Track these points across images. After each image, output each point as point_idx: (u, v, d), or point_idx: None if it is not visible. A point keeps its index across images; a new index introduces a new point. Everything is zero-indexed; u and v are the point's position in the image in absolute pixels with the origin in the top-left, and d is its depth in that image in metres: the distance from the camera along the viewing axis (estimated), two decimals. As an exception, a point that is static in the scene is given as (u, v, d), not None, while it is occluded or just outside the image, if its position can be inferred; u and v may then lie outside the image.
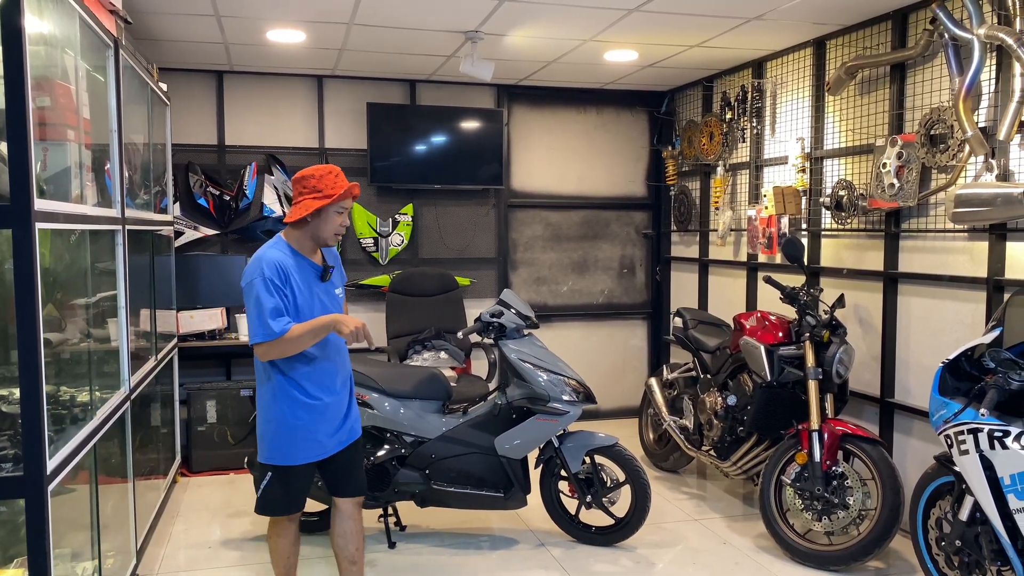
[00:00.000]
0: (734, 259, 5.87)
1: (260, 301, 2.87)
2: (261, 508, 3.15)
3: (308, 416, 3.02)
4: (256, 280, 2.89)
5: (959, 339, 3.94)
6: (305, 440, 3.03)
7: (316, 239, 3.07)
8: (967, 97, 3.73)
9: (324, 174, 3.02)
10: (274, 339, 2.86)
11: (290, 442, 3.02)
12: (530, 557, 4.11)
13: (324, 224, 3.04)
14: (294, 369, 3.00)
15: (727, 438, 4.63)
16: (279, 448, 3.03)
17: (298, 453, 3.04)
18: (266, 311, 2.86)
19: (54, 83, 2.72)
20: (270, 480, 3.07)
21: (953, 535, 3.31)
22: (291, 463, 3.04)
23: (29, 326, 2.27)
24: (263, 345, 2.89)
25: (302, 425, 3.02)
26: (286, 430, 3.01)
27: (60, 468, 2.47)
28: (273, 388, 3.01)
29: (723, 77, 5.97)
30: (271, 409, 3.03)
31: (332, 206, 3.01)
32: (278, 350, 2.91)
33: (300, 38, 4.99)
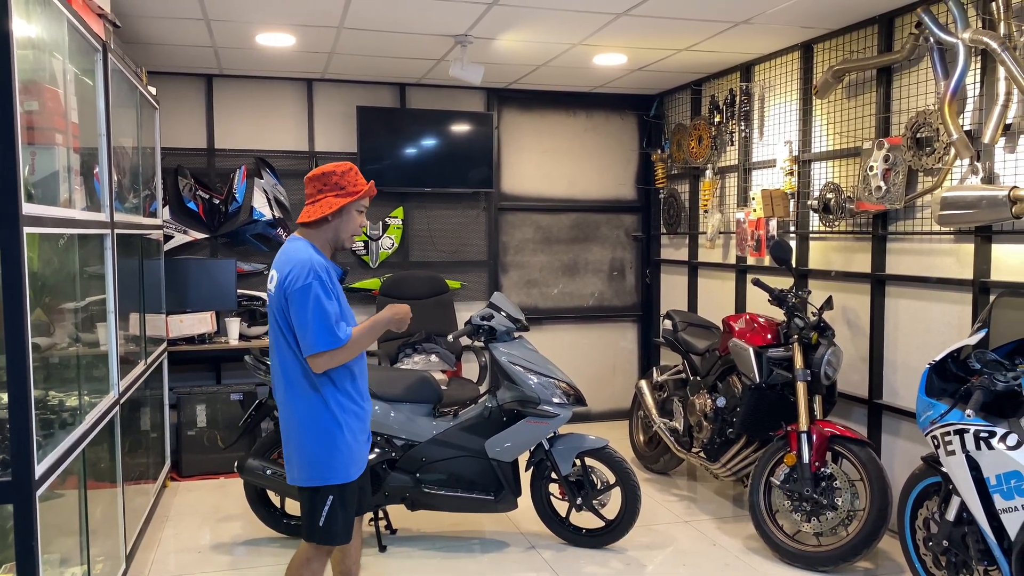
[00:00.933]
0: (723, 262, 5.90)
1: (323, 306, 2.69)
2: (327, 538, 2.84)
3: (358, 425, 2.86)
4: (314, 283, 2.70)
5: (946, 340, 3.98)
6: (359, 452, 2.87)
7: (335, 240, 2.92)
8: (952, 100, 3.76)
9: (345, 171, 2.88)
10: (340, 346, 2.71)
11: (347, 456, 2.81)
12: (521, 560, 4.11)
13: (346, 224, 2.90)
14: (343, 377, 2.82)
15: (717, 440, 4.65)
16: (338, 465, 2.80)
17: (355, 467, 2.86)
18: (330, 317, 2.69)
19: (42, 87, 2.72)
20: (332, 505, 2.80)
21: (940, 535, 3.34)
22: (351, 479, 2.84)
23: (17, 330, 2.27)
24: (325, 354, 2.70)
25: (354, 436, 2.84)
26: (343, 444, 2.80)
27: (49, 473, 2.46)
28: (323, 399, 2.78)
29: (711, 81, 6.00)
30: (321, 423, 2.78)
31: (354, 204, 2.88)
32: (341, 357, 2.74)
33: (289, 42, 4.99)
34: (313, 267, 2.73)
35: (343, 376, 2.82)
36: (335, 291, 2.79)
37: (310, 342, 2.70)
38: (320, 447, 2.78)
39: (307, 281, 2.70)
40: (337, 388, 2.81)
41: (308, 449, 2.79)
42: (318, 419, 2.78)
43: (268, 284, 2.91)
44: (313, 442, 2.79)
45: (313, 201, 2.88)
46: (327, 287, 2.73)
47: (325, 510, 2.80)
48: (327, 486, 2.80)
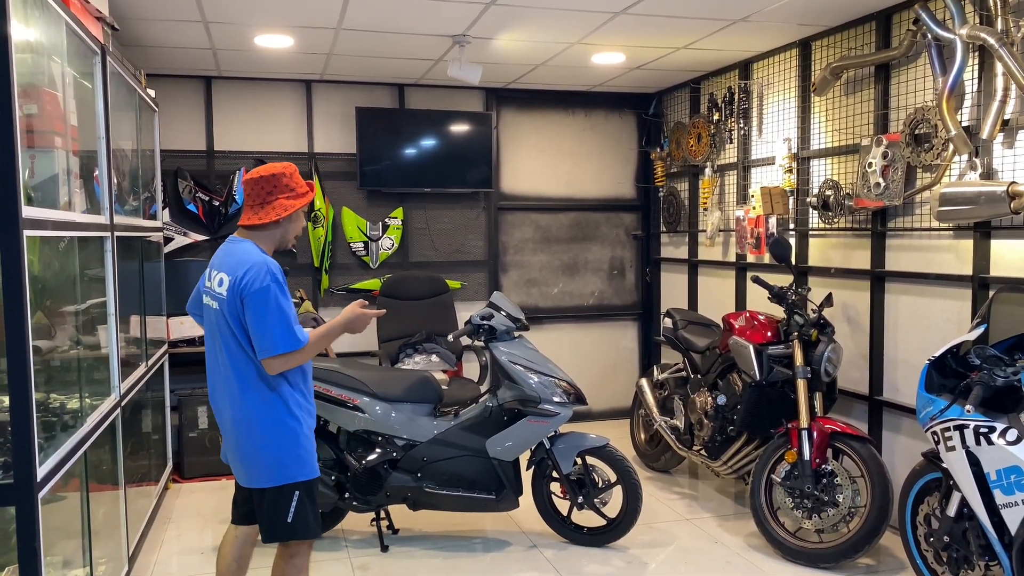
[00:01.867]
0: (723, 259, 5.90)
1: (283, 308, 2.69)
2: (303, 532, 2.85)
3: (311, 423, 2.90)
4: (272, 285, 2.69)
5: (945, 336, 3.98)
6: (313, 448, 2.89)
7: (281, 242, 2.91)
8: (950, 97, 3.77)
9: (292, 172, 2.86)
10: (297, 349, 2.71)
11: (308, 452, 2.85)
12: (523, 559, 4.12)
13: (295, 225, 2.92)
14: (297, 377, 2.85)
15: (717, 438, 4.65)
16: (303, 461, 2.82)
17: (315, 459, 2.90)
18: (290, 319, 2.70)
19: (41, 90, 2.72)
20: (299, 500, 2.82)
21: (941, 531, 3.34)
22: (315, 475, 2.88)
23: (18, 333, 2.27)
24: (283, 356, 2.70)
25: (310, 430, 2.88)
26: (304, 440, 2.83)
27: (51, 475, 2.47)
28: (283, 400, 2.79)
29: (710, 79, 6.00)
30: (283, 422, 2.79)
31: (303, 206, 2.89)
32: (298, 359, 2.74)
33: (288, 43, 4.99)
34: (270, 269, 2.72)
35: (297, 376, 2.84)
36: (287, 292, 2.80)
37: (268, 344, 2.68)
38: (284, 446, 2.78)
39: (265, 283, 2.68)
40: (293, 388, 2.82)
41: (272, 449, 2.78)
42: (280, 419, 2.78)
43: (212, 286, 2.83)
44: (277, 442, 2.78)
45: (262, 204, 2.81)
46: (284, 289, 2.73)
47: (293, 506, 2.81)
48: (292, 483, 2.80)
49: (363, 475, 4.11)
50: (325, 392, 4.10)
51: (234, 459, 2.91)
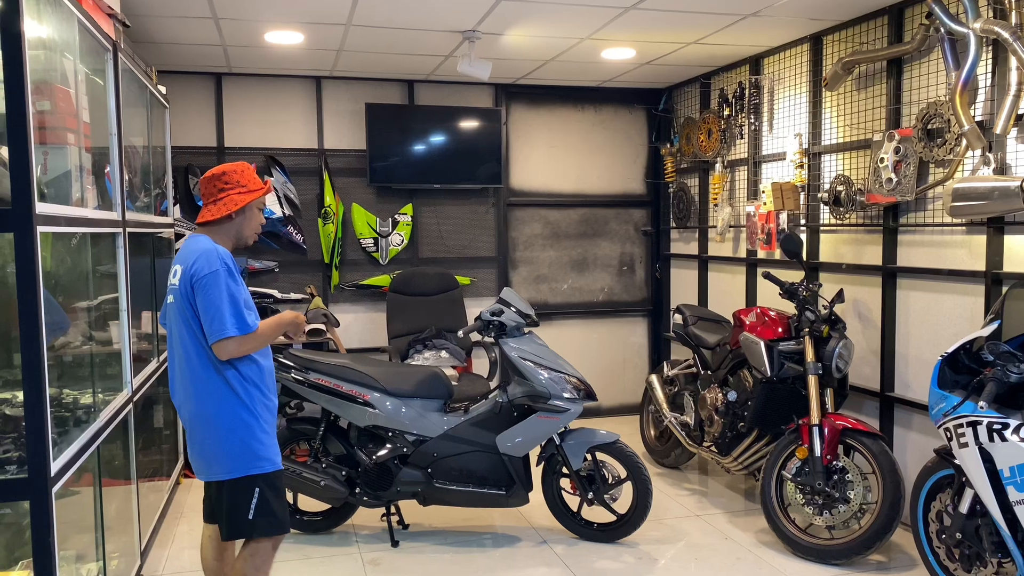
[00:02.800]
0: (733, 255, 5.88)
1: (232, 292, 2.70)
2: (266, 529, 2.81)
3: (270, 419, 2.86)
4: (221, 270, 2.70)
5: (958, 333, 3.96)
6: (274, 444, 2.86)
7: (238, 238, 2.93)
8: (963, 91, 3.74)
9: (243, 169, 2.92)
10: (249, 333, 2.71)
11: (269, 444, 2.82)
12: (533, 554, 4.12)
13: (249, 221, 2.93)
14: (251, 370, 2.81)
15: (728, 434, 4.64)
16: (261, 454, 2.79)
17: (277, 455, 2.85)
18: (240, 303, 2.71)
19: (54, 87, 2.73)
20: (261, 494, 2.78)
21: (954, 528, 3.33)
22: (276, 467, 2.83)
23: (31, 329, 2.29)
24: (233, 340, 2.68)
25: (269, 428, 2.84)
26: (261, 433, 2.80)
27: (64, 470, 2.49)
28: (238, 391, 2.77)
29: (721, 74, 5.98)
30: (237, 414, 2.76)
31: (256, 201, 2.92)
32: (249, 346, 2.74)
33: (298, 39, 5.00)
34: (219, 255, 2.75)
35: (251, 369, 2.80)
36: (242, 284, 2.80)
37: (218, 327, 2.67)
38: (240, 438, 2.76)
39: (214, 268, 2.70)
40: (247, 381, 2.79)
41: (227, 442, 2.75)
42: (234, 412, 2.76)
43: (170, 279, 2.86)
44: (231, 434, 2.75)
45: (214, 200, 2.87)
46: (235, 276, 2.74)
47: (254, 501, 2.76)
48: (251, 476, 2.77)
49: (373, 470, 4.12)
50: (335, 387, 4.11)
51: (193, 454, 2.88)
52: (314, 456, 4.24)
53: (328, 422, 4.26)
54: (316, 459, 4.23)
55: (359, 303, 6.28)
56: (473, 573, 3.91)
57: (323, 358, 4.25)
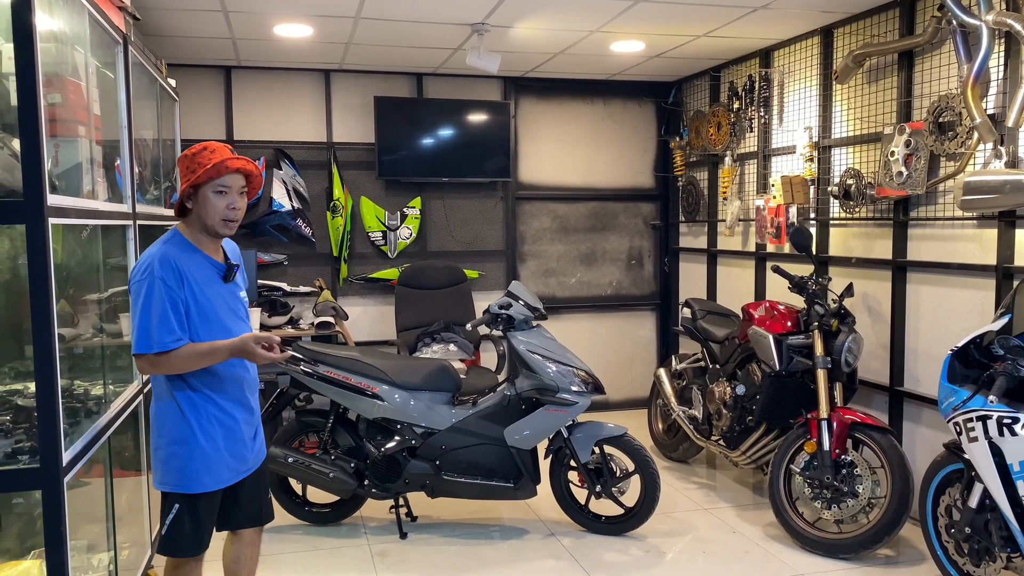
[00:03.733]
0: (742, 249, 5.87)
1: (148, 307, 2.48)
2: (167, 548, 2.67)
3: (222, 434, 2.64)
4: (147, 280, 2.49)
5: (968, 327, 3.94)
6: (218, 463, 2.64)
7: (206, 229, 2.63)
8: (976, 84, 3.71)
9: (198, 151, 2.60)
10: (159, 353, 2.48)
11: (202, 465, 2.60)
12: (540, 547, 4.13)
13: (204, 208, 2.59)
14: (202, 379, 2.61)
15: (736, 428, 4.64)
16: (190, 474, 2.60)
17: (211, 478, 2.63)
18: (153, 320, 2.47)
19: (65, 80, 2.75)
20: (177, 513, 2.62)
21: (963, 522, 3.32)
22: (203, 490, 2.63)
23: (43, 320, 2.30)
24: (145, 358, 2.50)
25: (215, 446, 2.62)
26: (198, 451, 2.60)
27: (75, 460, 2.50)
28: (179, 401, 2.60)
29: (730, 67, 5.95)
30: (178, 426, 2.60)
31: (206, 186, 2.57)
32: (163, 367, 2.53)
33: (307, 32, 5.00)
34: (153, 262, 2.51)
35: (201, 379, 2.61)
36: (184, 289, 2.55)
37: (134, 341, 2.51)
38: (171, 451, 2.61)
39: (141, 276, 2.51)
40: (194, 391, 2.61)
41: (162, 451, 2.63)
42: (175, 422, 2.61)
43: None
44: (168, 444, 2.61)
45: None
46: (161, 285, 2.49)
47: (170, 518, 2.63)
48: (175, 493, 2.63)
49: (382, 462, 4.14)
50: (344, 380, 4.13)
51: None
52: (323, 448, 4.25)
53: (337, 414, 4.28)
54: (325, 451, 4.24)
55: (368, 296, 6.29)
56: (481, 565, 3.92)
57: (332, 351, 4.26)
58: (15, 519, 2.68)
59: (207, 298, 2.61)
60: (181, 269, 2.55)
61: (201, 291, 2.60)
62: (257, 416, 2.85)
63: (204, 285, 2.61)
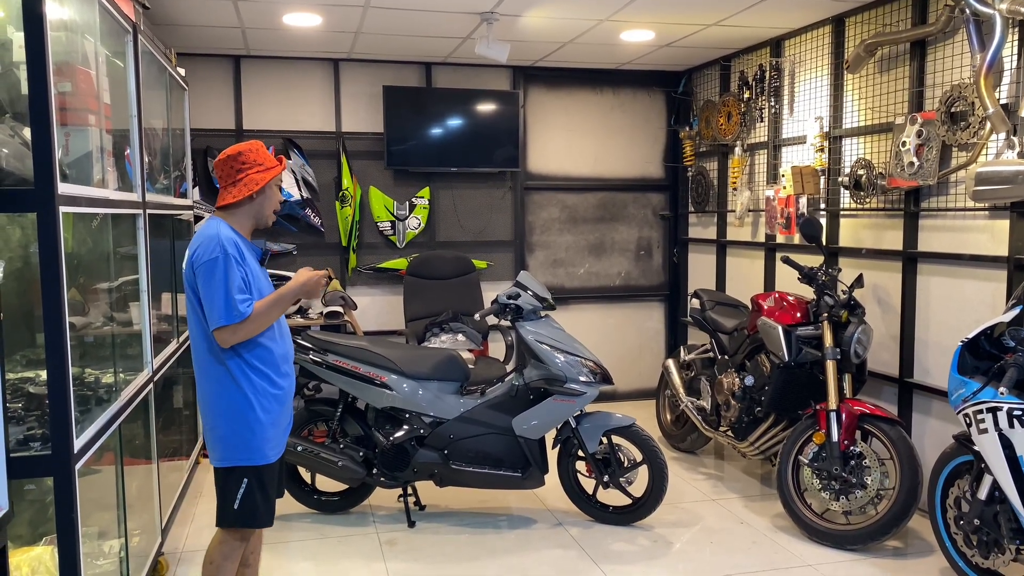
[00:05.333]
0: (752, 240, 5.85)
1: (228, 280, 2.65)
2: (244, 520, 2.80)
3: (277, 406, 2.81)
4: (220, 257, 2.66)
5: (979, 318, 3.92)
6: (276, 434, 2.82)
7: (259, 217, 2.88)
8: (988, 73, 3.68)
9: (258, 148, 2.85)
10: (242, 320, 2.65)
11: (263, 437, 2.76)
12: (548, 536, 4.14)
13: (269, 200, 2.88)
14: (256, 355, 2.76)
15: (744, 418, 4.63)
16: (254, 447, 2.76)
17: (273, 449, 2.81)
18: (233, 290, 2.65)
19: (75, 68, 2.75)
20: (248, 486, 2.76)
21: (972, 514, 3.31)
22: (268, 461, 2.80)
23: (54, 307, 2.31)
24: (229, 328, 2.66)
25: (270, 417, 2.78)
26: (259, 425, 2.75)
27: (87, 447, 2.52)
28: (236, 378, 2.74)
29: (741, 56, 5.92)
30: (232, 402, 2.74)
31: (274, 180, 2.86)
32: (246, 330, 2.69)
33: (316, 21, 5.00)
34: (221, 241, 2.69)
35: (257, 355, 2.75)
36: (246, 267, 2.74)
37: (214, 316, 2.66)
38: (232, 426, 2.74)
39: (214, 255, 2.67)
40: (249, 366, 2.74)
41: (221, 429, 2.75)
42: (229, 397, 2.73)
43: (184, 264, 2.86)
44: (225, 422, 2.74)
45: (233, 182, 2.81)
46: (233, 261, 2.68)
47: (240, 492, 2.75)
48: (242, 467, 2.75)
49: (391, 451, 4.15)
50: (353, 369, 4.14)
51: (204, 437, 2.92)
52: (332, 437, 4.27)
53: (346, 403, 4.29)
54: (334, 440, 4.26)
55: (376, 286, 6.30)
56: (489, 554, 3.94)
57: (341, 340, 4.28)
58: (27, 506, 2.70)
59: (256, 278, 2.81)
60: (240, 248, 2.77)
61: (252, 271, 2.80)
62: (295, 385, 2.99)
63: (255, 266, 2.84)
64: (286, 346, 2.91)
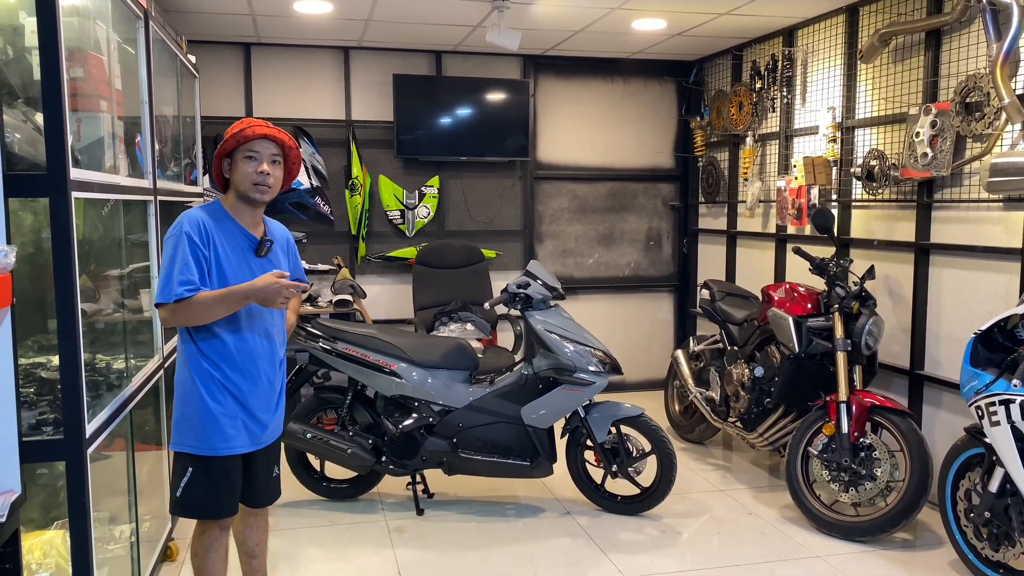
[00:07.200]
0: (763, 231, 5.82)
1: (172, 260, 2.56)
2: (180, 509, 2.71)
3: (229, 399, 2.67)
4: (172, 237, 2.59)
5: (992, 310, 3.89)
6: (231, 427, 2.67)
7: (242, 197, 2.69)
8: (1004, 63, 3.64)
9: (236, 124, 2.70)
10: (176, 301, 2.53)
11: (212, 427, 2.64)
12: (556, 525, 4.15)
13: (237, 175, 2.66)
14: (210, 345, 2.65)
15: (754, 409, 4.62)
16: (200, 435, 2.65)
17: (222, 442, 2.66)
18: (175, 271, 2.54)
19: (87, 54, 2.75)
20: (191, 475, 2.66)
21: (982, 507, 3.30)
22: (214, 453, 2.66)
23: (66, 291, 2.32)
24: (165, 307, 2.56)
25: (226, 411, 2.66)
26: (206, 413, 2.64)
27: (98, 432, 2.53)
28: (191, 363, 2.66)
29: (753, 46, 5.88)
30: (190, 388, 2.66)
31: (236, 152, 2.66)
32: (182, 316, 2.57)
33: (326, 9, 4.98)
34: (183, 220, 2.62)
35: (209, 343, 2.65)
36: (209, 248, 2.61)
37: (156, 291, 2.61)
38: (182, 410, 2.68)
39: (173, 232, 2.60)
40: (203, 355, 2.66)
41: (176, 411, 2.71)
42: (182, 381, 2.69)
43: None
44: (178, 404, 2.70)
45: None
46: (186, 240, 2.56)
47: (184, 480, 2.67)
48: (186, 454, 2.68)
49: (400, 439, 4.16)
50: (362, 357, 4.14)
51: None
52: (341, 424, 4.28)
53: (355, 391, 4.30)
54: (343, 427, 4.27)
55: (385, 275, 6.30)
56: (497, 542, 3.95)
57: (350, 328, 4.28)
58: (39, 490, 2.71)
59: (231, 265, 2.66)
60: (209, 230, 2.63)
61: (227, 257, 2.65)
62: (277, 390, 2.84)
63: (231, 253, 2.67)
64: (255, 343, 2.73)
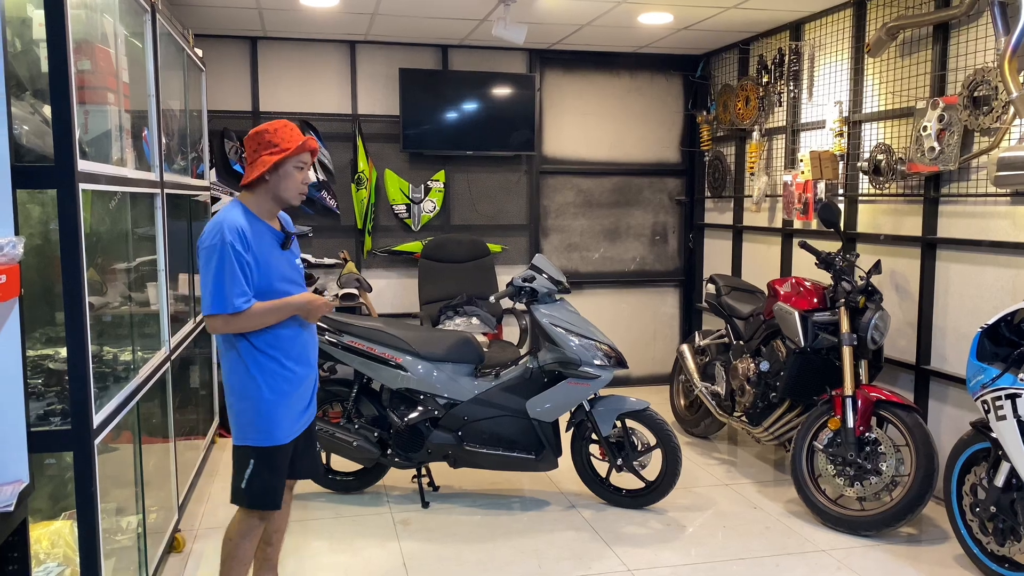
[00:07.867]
0: (769, 225, 5.81)
1: (222, 269, 2.64)
2: (251, 501, 2.83)
3: (287, 387, 2.82)
4: (218, 244, 2.65)
5: (998, 305, 3.88)
6: (287, 417, 2.83)
7: (278, 199, 2.82)
8: (1013, 57, 3.63)
9: (279, 127, 2.80)
10: (231, 313, 2.66)
11: (272, 418, 2.78)
12: (561, 518, 4.16)
13: (284, 181, 2.79)
14: (265, 340, 2.77)
15: (759, 404, 4.62)
16: (261, 428, 2.78)
17: (281, 430, 2.81)
18: (226, 282, 2.64)
19: (94, 47, 2.75)
20: (255, 467, 2.79)
21: (988, 501, 3.30)
22: (276, 443, 2.80)
23: (74, 282, 2.33)
24: (218, 318, 2.67)
25: (284, 400, 2.81)
26: (265, 405, 2.77)
27: (106, 423, 2.55)
28: (245, 360, 2.77)
29: (760, 40, 5.86)
30: (240, 382, 2.78)
31: (290, 160, 2.77)
32: (235, 325, 2.70)
33: (333, 3, 4.98)
34: (223, 228, 2.67)
35: (264, 339, 2.77)
36: (249, 254, 2.70)
37: (206, 302, 2.68)
38: (242, 405, 2.79)
39: (212, 241, 2.67)
40: (257, 351, 2.76)
41: (234, 408, 2.81)
42: (238, 378, 2.78)
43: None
44: (237, 400, 2.80)
45: (251, 162, 2.80)
46: (231, 250, 2.65)
47: (248, 472, 2.79)
48: (249, 447, 2.79)
49: (405, 432, 4.17)
50: (368, 350, 4.15)
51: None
52: (347, 417, 4.30)
53: (361, 384, 4.31)
54: (349, 420, 4.29)
55: (391, 269, 6.31)
56: (502, 535, 3.96)
57: (356, 321, 4.29)
58: (47, 481, 2.73)
59: (268, 263, 2.77)
60: (246, 235, 2.71)
61: (263, 256, 2.76)
62: (316, 373, 2.99)
63: (266, 252, 2.77)
64: (303, 335, 2.88)
